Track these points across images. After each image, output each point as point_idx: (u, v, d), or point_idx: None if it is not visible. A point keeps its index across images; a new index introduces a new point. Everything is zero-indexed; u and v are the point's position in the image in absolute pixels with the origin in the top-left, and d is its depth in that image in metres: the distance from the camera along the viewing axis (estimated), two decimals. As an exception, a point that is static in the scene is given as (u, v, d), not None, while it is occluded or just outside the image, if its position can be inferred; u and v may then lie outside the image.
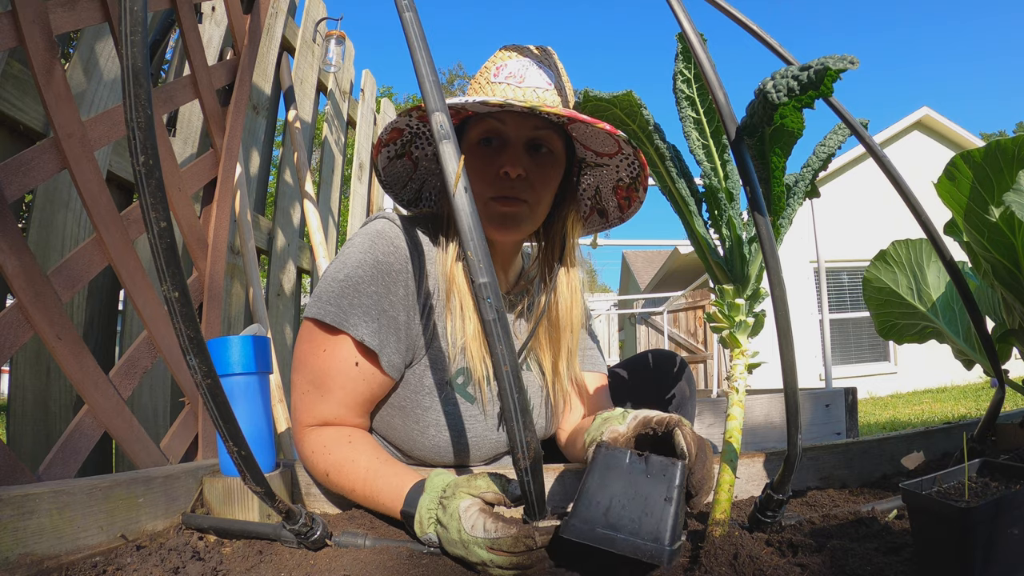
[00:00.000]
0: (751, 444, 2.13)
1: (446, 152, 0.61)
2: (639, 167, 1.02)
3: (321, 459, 0.88)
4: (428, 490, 0.75)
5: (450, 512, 0.69)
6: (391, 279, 0.90)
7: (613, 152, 1.02)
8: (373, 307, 0.88)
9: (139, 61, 0.49)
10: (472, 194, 0.85)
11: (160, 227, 0.50)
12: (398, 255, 0.91)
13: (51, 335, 1.00)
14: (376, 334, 0.88)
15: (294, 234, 2.70)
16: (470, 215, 0.60)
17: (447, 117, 0.62)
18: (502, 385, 0.60)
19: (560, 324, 1.04)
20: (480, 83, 0.98)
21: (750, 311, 0.81)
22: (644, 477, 0.59)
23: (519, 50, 0.99)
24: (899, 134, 9.97)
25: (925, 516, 0.59)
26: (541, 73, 0.96)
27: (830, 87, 0.58)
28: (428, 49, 0.63)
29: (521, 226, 0.97)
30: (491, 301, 0.59)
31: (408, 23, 0.63)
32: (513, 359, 0.60)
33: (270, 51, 2.49)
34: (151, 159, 0.49)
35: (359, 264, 0.89)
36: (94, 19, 1.17)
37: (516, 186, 0.94)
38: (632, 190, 1.08)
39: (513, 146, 0.95)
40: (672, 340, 9.32)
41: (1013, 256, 0.86)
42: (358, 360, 0.88)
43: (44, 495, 0.67)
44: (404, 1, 0.64)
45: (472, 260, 0.60)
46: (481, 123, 0.95)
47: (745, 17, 0.84)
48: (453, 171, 0.61)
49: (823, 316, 3.46)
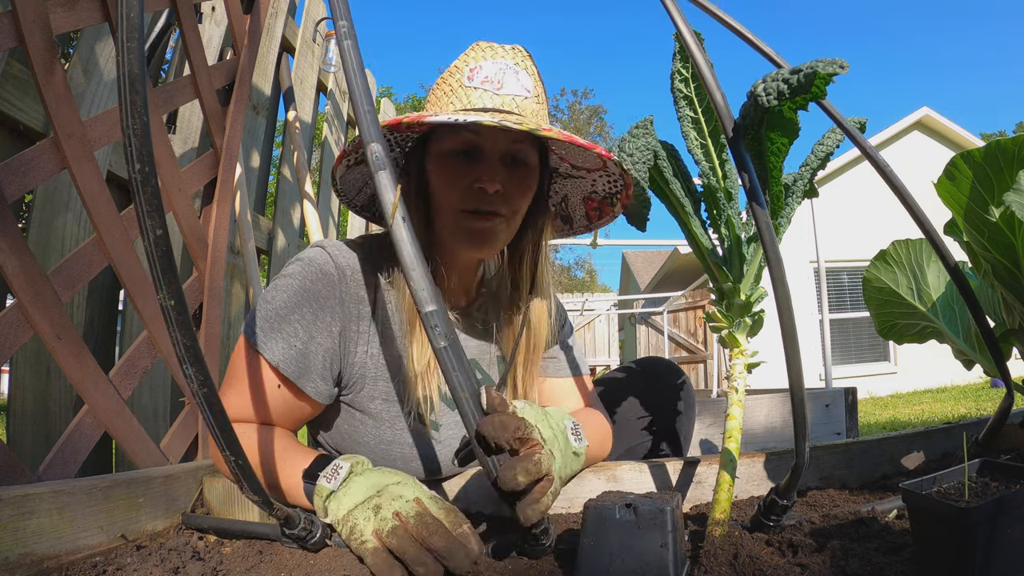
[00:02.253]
0: (751, 444, 2.13)
1: (382, 182, 0.60)
2: (621, 187, 0.99)
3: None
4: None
5: (406, 474, 0.73)
6: (319, 306, 0.87)
7: (595, 168, 1.00)
8: (298, 335, 0.86)
9: (135, 68, 0.48)
10: (450, 210, 0.84)
11: (156, 235, 0.50)
12: (327, 282, 0.88)
13: (51, 335, 1.00)
14: (295, 361, 0.85)
15: (294, 234, 2.70)
16: (410, 244, 0.59)
17: (383, 147, 0.60)
18: (463, 412, 0.59)
19: (532, 349, 1.02)
20: (452, 85, 0.93)
21: (749, 311, 0.81)
22: (636, 528, 0.59)
23: (492, 49, 0.95)
24: (899, 134, 9.96)
25: (925, 516, 0.59)
26: (518, 78, 0.93)
27: (823, 89, 0.58)
28: (365, 79, 0.63)
29: (496, 242, 0.94)
30: (440, 329, 0.57)
31: (346, 52, 0.63)
32: (471, 386, 0.58)
33: (270, 51, 2.50)
34: (147, 166, 0.49)
35: (288, 290, 0.87)
36: (94, 19, 1.17)
37: (493, 200, 0.89)
38: (606, 203, 1.06)
39: (489, 159, 0.90)
40: (672, 340, 9.32)
41: (1013, 256, 0.86)
42: (280, 384, 0.87)
43: (44, 495, 0.67)
44: (344, 30, 0.64)
45: (415, 289, 0.58)
46: (454, 134, 0.90)
47: (734, 20, 0.83)
48: (390, 201, 0.59)
49: (823, 316, 3.47)
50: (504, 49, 0.95)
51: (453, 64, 0.96)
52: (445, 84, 0.95)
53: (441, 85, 0.95)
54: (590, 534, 0.60)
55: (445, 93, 0.94)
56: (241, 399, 0.86)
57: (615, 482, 0.97)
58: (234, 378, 0.88)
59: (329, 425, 0.98)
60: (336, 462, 0.76)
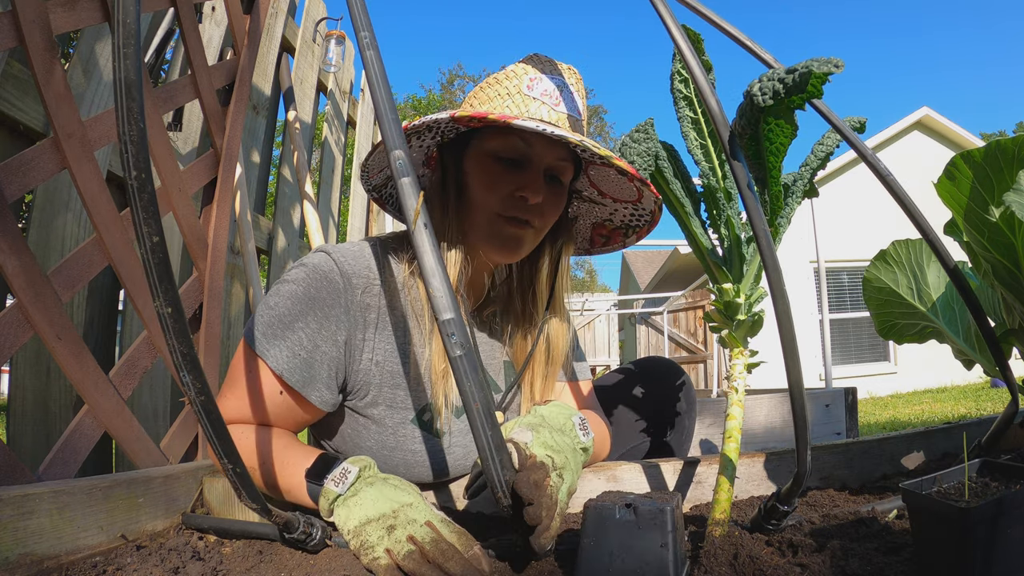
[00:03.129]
0: (751, 444, 2.13)
1: (405, 189, 0.60)
2: (647, 222, 1.01)
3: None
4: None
5: (414, 485, 0.75)
6: (324, 315, 0.87)
7: (625, 199, 1.01)
8: (303, 344, 0.86)
9: (131, 73, 0.48)
10: (485, 212, 0.87)
11: (152, 241, 0.50)
12: (332, 290, 0.87)
13: (51, 335, 1.00)
14: (299, 371, 0.85)
15: (294, 234, 2.70)
16: (431, 251, 0.59)
17: (406, 154, 0.61)
18: (473, 422, 0.58)
19: (550, 362, 1.03)
20: (509, 90, 0.93)
21: (749, 311, 0.81)
22: (636, 528, 0.59)
23: (552, 64, 0.95)
24: (899, 134, 9.97)
25: (925, 516, 0.59)
26: (572, 99, 0.94)
27: (819, 89, 0.58)
28: (388, 87, 0.62)
29: (521, 251, 0.95)
30: (456, 338, 0.57)
31: (369, 61, 0.63)
32: (484, 396, 0.58)
33: (270, 51, 2.50)
34: (144, 172, 0.49)
35: (292, 296, 0.87)
36: (94, 19, 1.17)
37: (531, 211, 0.91)
38: (618, 233, 1.07)
39: (535, 171, 0.91)
40: (672, 340, 9.32)
41: (1013, 256, 0.86)
42: (282, 391, 0.86)
43: (44, 495, 0.67)
44: (366, 40, 0.63)
45: (435, 297, 0.58)
46: (502, 136, 0.90)
47: (730, 25, 0.83)
48: (412, 207, 0.59)
49: (823, 316, 3.47)
50: (563, 67, 0.96)
51: (509, 68, 0.95)
52: (500, 87, 0.94)
53: (495, 86, 0.95)
54: (590, 534, 0.60)
55: (500, 95, 0.93)
56: (242, 403, 0.86)
57: (615, 482, 0.97)
58: (235, 382, 0.87)
59: (332, 429, 0.98)
60: (344, 466, 0.76)
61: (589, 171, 1.02)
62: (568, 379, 1.14)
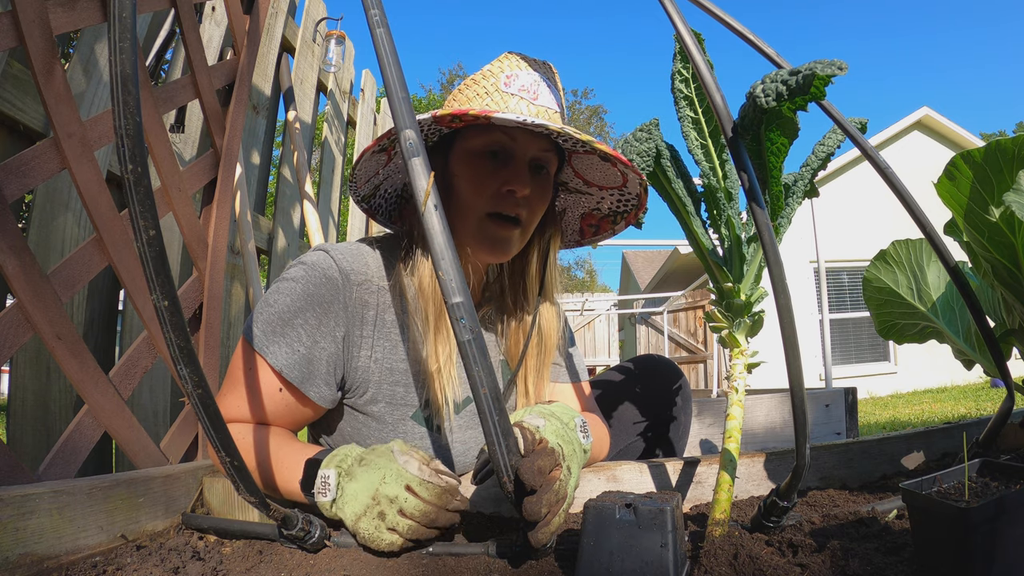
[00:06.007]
0: (751, 444, 2.13)
1: (416, 169, 0.59)
2: (634, 206, 1.01)
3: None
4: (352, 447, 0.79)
5: (380, 451, 0.74)
6: (323, 311, 0.87)
7: (610, 186, 1.01)
8: (302, 340, 0.86)
9: (127, 68, 0.48)
10: (474, 212, 0.86)
11: (149, 235, 0.50)
12: (331, 287, 0.88)
13: (51, 335, 1.00)
14: (298, 367, 0.86)
15: (294, 234, 2.70)
16: (441, 233, 0.58)
17: (417, 133, 0.60)
18: (481, 408, 0.58)
19: (543, 353, 1.04)
20: (487, 88, 0.94)
21: (750, 311, 0.81)
22: (636, 528, 0.59)
23: (526, 61, 0.96)
24: (899, 134, 9.97)
25: (925, 516, 0.59)
26: (550, 92, 0.95)
27: (822, 91, 0.58)
28: (399, 66, 0.61)
29: (511, 250, 0.95)
30: (465, 322, 0.57)
31: (380, 40, 0.62)
32: (492, 381, 0.58)
33: (270, 51, 2.50)
34: (140, 166, 0.49)
35: (291, 293, 0.87)
36: (94, 19, 1.17)
37: (518, 204, 0.92)
38: (607, 221, 1.08)
39: (519, 164, 0.92)
40: (672, 340, 9.32)
41: (1013, 256, 0.86)
42: (281, 387, 0.87)
43: (44, 495, 0.67)
44: (376, 18, 0.62)
45: (444, 279, 0.58)
46: (485, 134, 0.91)
47: (735, 20, 0.83)
48: (423, 188, 0.58)
49: (823, 316, 3.46)
50: (537, 63, 0.97)
51: (485, 68, 0.96)
52: (478, 86, 0.95)
53: (472, 87, 0.96)
54: (590, 534, 0.60)
55: (479, 95, 0.94)
56: (241, 401, 0.86)
57: (615, 482, 0.97)
58: (234, 380, 0.88)
59: (332, 427, 0.98)
60: (321, 474, 0.75)
61: (573, 161, 1.02)
62: (568, 380, 1.14)
